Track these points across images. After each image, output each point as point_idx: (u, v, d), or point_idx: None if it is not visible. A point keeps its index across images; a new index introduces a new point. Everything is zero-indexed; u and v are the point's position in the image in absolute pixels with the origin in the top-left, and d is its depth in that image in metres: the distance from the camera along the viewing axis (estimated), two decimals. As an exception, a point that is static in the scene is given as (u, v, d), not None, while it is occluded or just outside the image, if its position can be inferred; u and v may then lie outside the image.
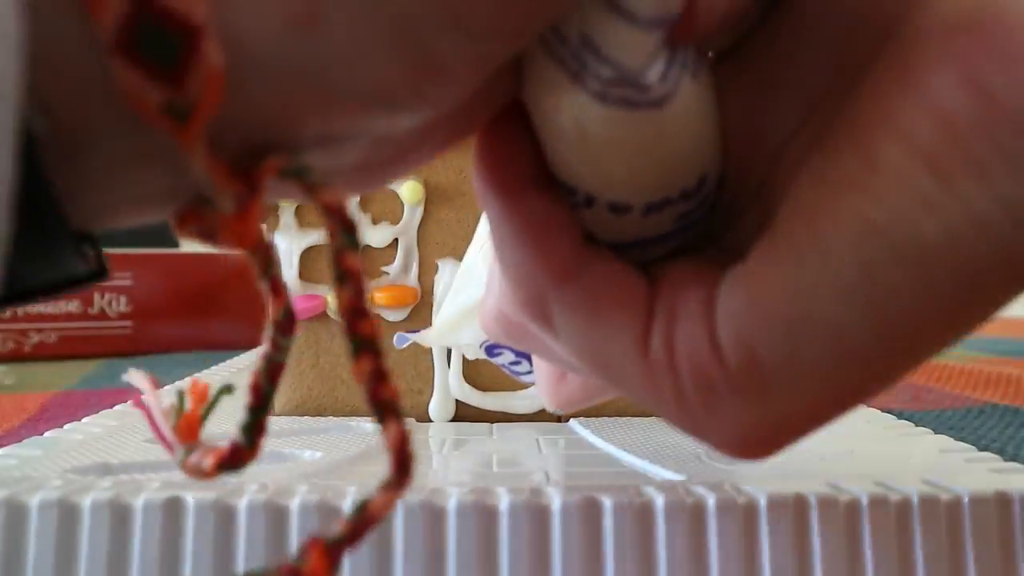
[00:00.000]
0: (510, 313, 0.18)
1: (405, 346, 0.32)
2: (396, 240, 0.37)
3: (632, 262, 0.16)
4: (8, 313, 0.77)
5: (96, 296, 0.80)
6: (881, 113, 0.13)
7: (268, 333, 0.14)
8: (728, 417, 0.15)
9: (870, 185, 0.13)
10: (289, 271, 0.37)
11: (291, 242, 0.37)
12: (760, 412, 0.15)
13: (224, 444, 0.14)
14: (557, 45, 0.14)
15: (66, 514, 0.22)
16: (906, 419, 0.35)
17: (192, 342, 0.82)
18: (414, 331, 0.31)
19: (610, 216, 0.16)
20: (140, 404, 0.17)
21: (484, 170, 0.16)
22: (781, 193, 0.15)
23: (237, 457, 0.14)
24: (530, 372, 0.27)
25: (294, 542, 0.22)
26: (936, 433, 0.32)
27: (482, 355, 0.29)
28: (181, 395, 0.16)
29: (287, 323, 0.14)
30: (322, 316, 0.37)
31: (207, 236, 0.13)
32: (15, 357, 0.77)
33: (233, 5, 0.11)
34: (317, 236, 0.37)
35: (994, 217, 0.13)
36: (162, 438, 0.16)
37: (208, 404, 0.17)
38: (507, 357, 0.28)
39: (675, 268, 0.16)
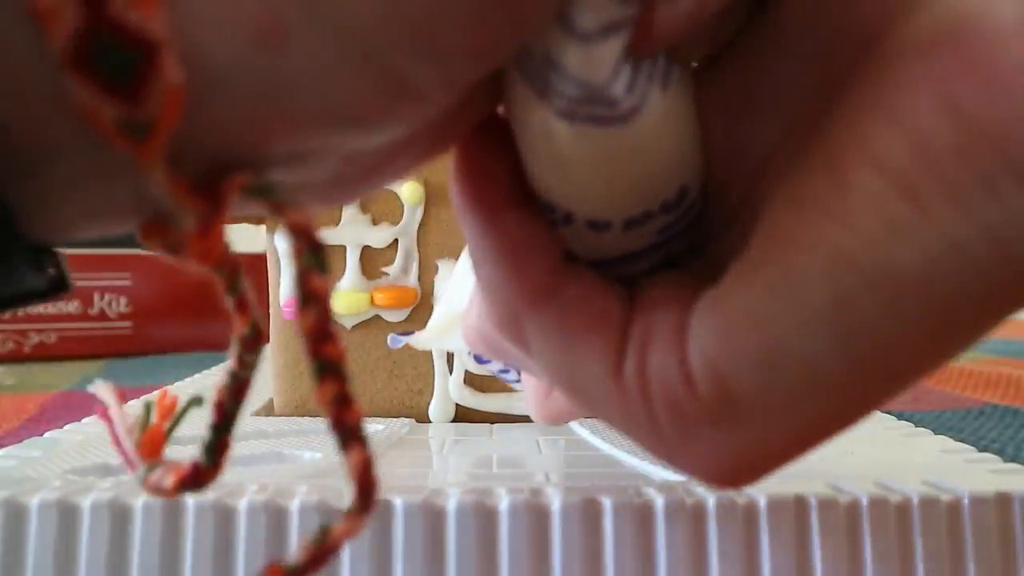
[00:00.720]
0: (489, 333, 0.17)
1: (399, 347, 0.32)
2: (396, 240, 0.37)
3: (616, 277, 0.16)
4: (8, 314, 0.77)
5: (96, 297, 0.80)
6: (855, 134, 0.13)
7: (233, 350, 0.13)
8: (702, 446, 0.14)
9: (842, 211, 0.13)
10: (289, 271, 0.37)
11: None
12: (735, 442, 0.14)
13: (186, 463, 0.14)
14: (525, 61, 0.13)
15: (66, 515, 0.22)
16: (906, 420, 0.35)
17: (192, 343, 0.82)
18: (408, 333, 0.31)
19: (590, 233, 0.15)
20: (105, 417, 0.16)
21: (462, 186, 0.15)
22: (758, 213, 0.14)
23: (198, 477, 0.14)
24: (519, 380, 0.27)
25: (294, 543, 0.22)
26: (936, 434, 0.32)
27: (472, 362, 0.29)
28: (148, 408, 0.16)
29: (253, 340, 0.13)
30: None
31: (172, 250, 0.12)
32: (15, 358, 0.77)
33: (196, 21, 0.10)
34: (317, 237, 0.37)
35: (971, 244, 0.12)
36: (124, 454, 0.16)
37: (175, 417, 0.16)
38: (496, 365, 0.28)
39: (655, 288, 0.16)
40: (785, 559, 0.22)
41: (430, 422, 0.37)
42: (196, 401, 0.15)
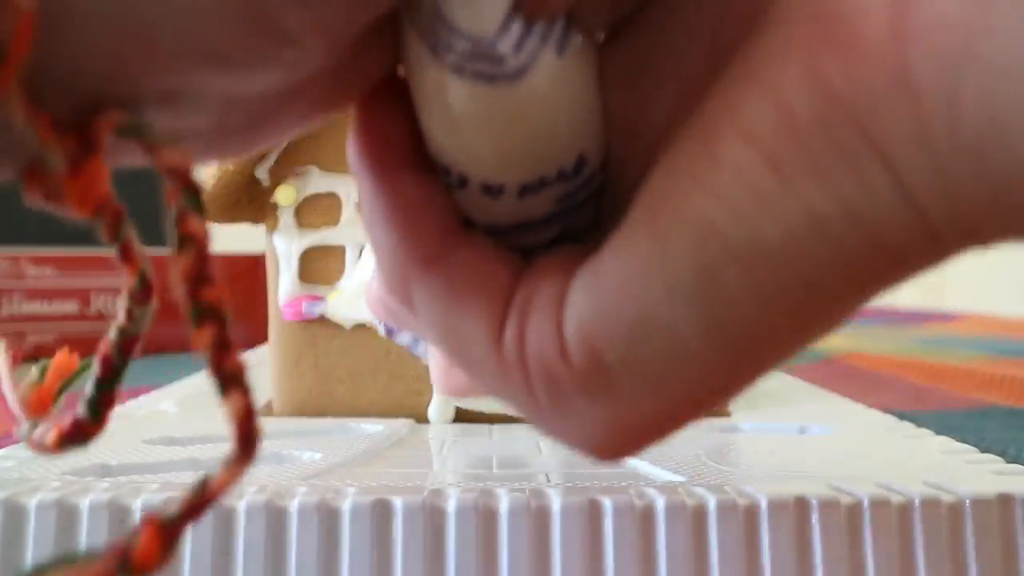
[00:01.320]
0: (386, 297, 0.17)
1: (316, 315, 0.31)
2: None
3: (514, 248, 0.16)
4: (5, 314, 0.77)
5: (94, 296, 0.80)
6: (726, 105, 0.13)
7: (122, 303, 0.13)
8: (576, 416, 0.15)
9: (711, 182, 0.13)
10: (288, 271, 0.37)
11: (291, 242, 0.37)
12: (607, 413, 0.14)
13: (69, 418, 0.13)
14: (417, 16, 0.13)
15: (64, 515, 0.22)
16: (908, 420, 0.35)
17: (191, 342, 0.82)
18: (320, 302, 0.30)
19: (485, 198, 0.15)
20: None
21: (358, 144, 0.15)
22: (640, 190, 0.14)
23: (80, 431, 0.13)
24: (427, 355, 0.26)
25: (293, 543, 0.22)
26: (938, 434, 0.32)
27: (383, 332, 0.29)
28: (43, 369, 0.16)
29: (143, 292, 0.13)
30: (321, 317, 0.37)
31: (53, 198, 0.12)
32: (12, 358, 0.77)
33: None
34: (317, 236, 0.37)
35: (832, 219, 0.12)
36: (8, 411, 0.15)
37: (67, 379, 0.16)
38: (405, 337, 0.27)
39: (546, 258, 0.15)
40: (786, 560, 0.22)
41: (430, 422, 0.37)
42: (88, 365, 0.15)
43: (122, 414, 0.36)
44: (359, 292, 0.28)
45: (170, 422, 0.35)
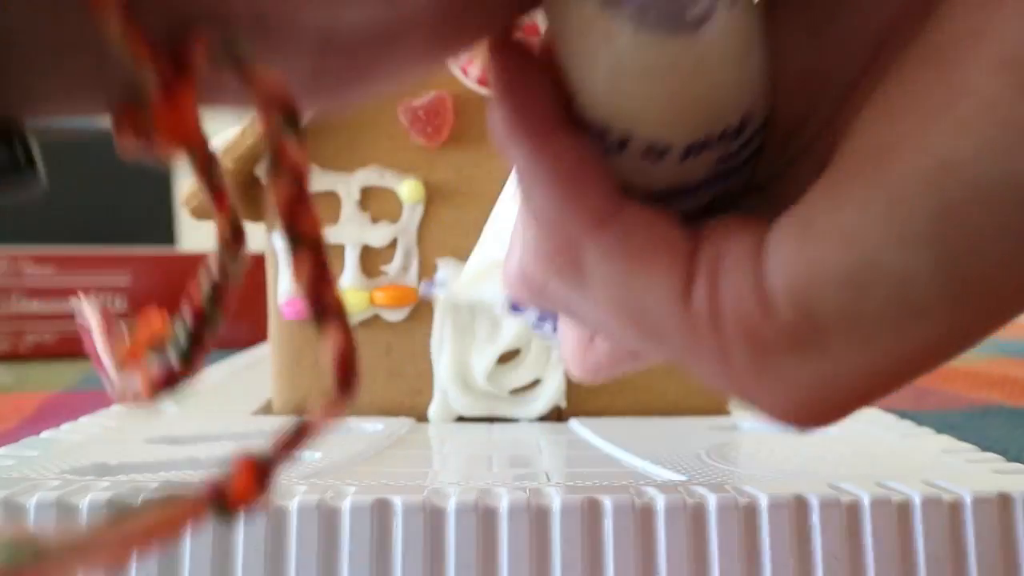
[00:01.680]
0: (534, 270, 0.16)
1: (431, 294, 0.30)
2: (395, 240, 0.37)
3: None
4: (4, 312, 0.77)
5: (94, 296, 0.80)
6: (967, 33, 0.12)
7: (215, 251, 0.12)
8: (779, 377, 0.13)
9: (952, 116, 0.11)
10: (288, 270, 0.37)
11: (290, 241, 0.37)
12: (815, 372, 0.13)
13: (160, 367, 0.13)
14: None
15: (64, 514, 0.22)
16: (908, 419, 0.35)
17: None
18: (434, 283, 0.29)
19: (645, 161, 0.14)
20: (84, 332, 0.16)
21: (507, 111, 0.14)
22: (844, 135, 0.13)
23: (171, 377, 0.13)
24: (554, 334, 0.26)
25: (293, 542, 0.22)
26: (938, 434, 0.32)
27: (506, 312, 0.28)
28: (131, 327, 0.16)
29: (235, 240, 0.12)
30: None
31: (143, 135, 0.11)
32: (12, 357, 0.77)
33: None
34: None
35: None
36: (101, 366, 0.15)
37: (155, 336, 0.16)
38: (531, 316, 0.27)
39: (719, 218, 0.15)
40: (786, 559, 0.22)
41: (430, 422, 0.37)
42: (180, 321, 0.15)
43: (121, 413, 0.36)
44: (484, 273, 0.28)
45: (170, 421, 0.35)
